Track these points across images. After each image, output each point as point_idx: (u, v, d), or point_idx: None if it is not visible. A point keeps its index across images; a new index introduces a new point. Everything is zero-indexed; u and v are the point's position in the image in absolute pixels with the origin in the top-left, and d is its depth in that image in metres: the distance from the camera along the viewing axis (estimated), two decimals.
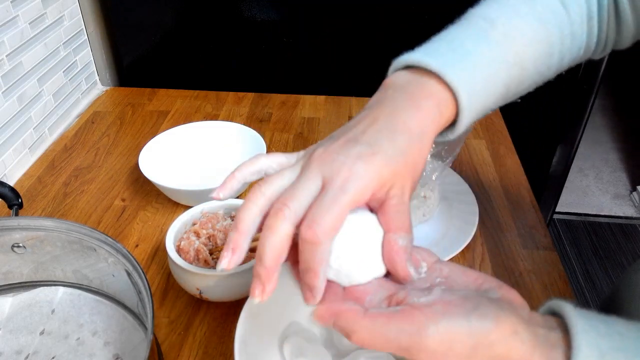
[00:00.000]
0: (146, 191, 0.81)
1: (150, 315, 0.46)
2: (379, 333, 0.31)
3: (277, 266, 0.35)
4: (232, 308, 0.61)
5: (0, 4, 0.78)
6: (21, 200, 0.62)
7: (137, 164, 0.77)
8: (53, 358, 0.55)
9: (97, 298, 0.60)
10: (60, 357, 0.55)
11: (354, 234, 0.36)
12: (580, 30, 0.47)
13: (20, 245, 0.57)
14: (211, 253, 0.60)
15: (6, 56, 0.81)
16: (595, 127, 2.54)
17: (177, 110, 1.02)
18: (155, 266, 0.68)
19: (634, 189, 2.21)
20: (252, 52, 1.08)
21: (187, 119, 0.98)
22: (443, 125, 0.41)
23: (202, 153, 0.84)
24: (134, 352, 0.54)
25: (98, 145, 0.92)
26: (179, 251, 0.60)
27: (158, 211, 0.77)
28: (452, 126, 0.42)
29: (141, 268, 0.50)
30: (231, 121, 0.87)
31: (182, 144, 0.83)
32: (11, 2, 0.81)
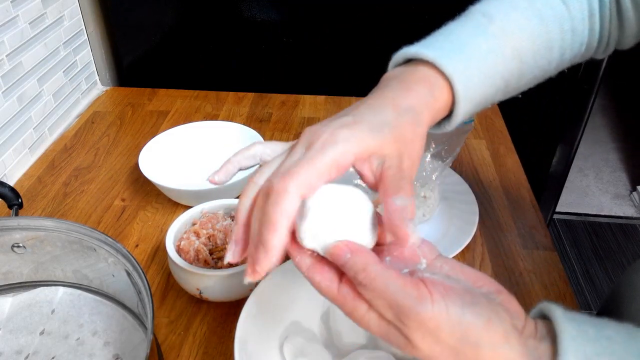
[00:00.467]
0: (146, 191, 0.81)
1: (150, 315, 0.46)
2: (385, 282, 0.31)
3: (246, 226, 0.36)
4: (232, 308, 0.61)
5: (0, 4, 0.78)
6: (21, 200, 0.62)
7: (137, 164, 0.77)
8: (53, 358, 0.55)
9: (97, 298, 0.60)
10: (60, 357, 0.55)
11: (340, 206, 0.35)
12: (581, 26, 0.47)
13: (20, 245, 0.57)
14: (211, 253, 0.60)
15: (6, 56, 0.81)
16: (595, 127, 2.54)
17: (177, 110, 1.02)
18: (155, 266, 0.68)
19: (634, 189, 2.21)
20: (252, 52, 1.08)
21: (187, 119, 0.98)
22: (438, 109, 0.41)
23: (202, 153, 0.84)
24: (134, 352, 0.54)
25: (98, 145, 0.92)
26: (179, 251, 0.60)
27: (158, 211, 0.77)
28: (450, 117, 0.43)
29: (141, 268, 0.50)
30: (231, 121, 0.87)
31: (182, 144, 0.83)
32: (11, 2, 0.81)
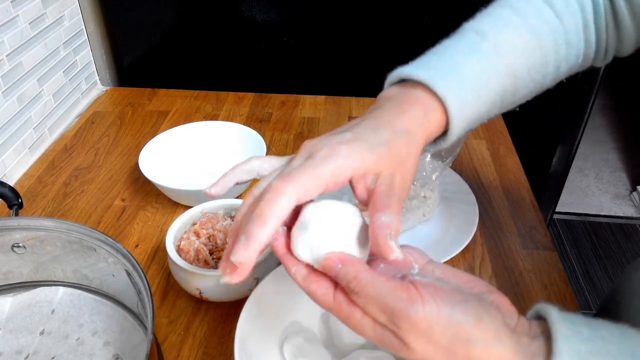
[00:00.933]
0: (146, 191, 0.81)
1: (150, 315, 0.46)
2: (376, 288, 0.32)
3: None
4: (232, 308, 0.61)
5: (0, 4, 0.78)
6: (21, 200, 0.62)
7: (137, 164, 0.77)
8: (53, 358, 0.55)
9: (97, 298, 0.60)
10: (60, 357, 0.55)
11: (334, 221, 0.37)
12: (576, 38, 0.47)
13: (20, 245, 0.57)
14: (211, 253, 0.60)
15: (6, 56, 0.81)
16: (595, 127, 2.54)
17: (177, 110, 1.02)
18: (155, 266, 0.68)
19: (634, 189, 2.21)
20: (252, 52, 1.08)
21: (187, 119, 0.98)
22: (432, 130, 0.42)
23: (202, 153, 0.84)
24: (134, 352, 0.54)
25: (98, 145, 0.92)
26: (179, 251, 0.60)
27: (158, 211, 0.77)
28: (445, 135, 0.43)
29: (141, 268, 0.50)
30: (231, 121, 0.87)
31: (182, 144, 0.83)
32: (11, 2, 0.81)
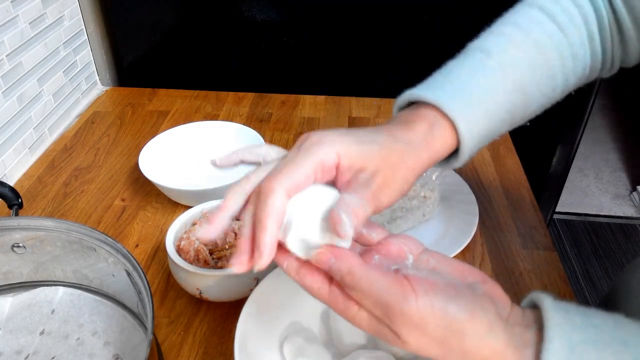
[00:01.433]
0: (146, 191, 0.81)
1: (150, 315, 0.46)
2: (370, 283, 0.33)
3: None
4: (232, 308, 0.61)
5: (0, 4, 0.78)
6: (21, 200, 0.62)
7: (137, 164, 0.77)
8: (53, 358, 0.55)
9: (97, 298, 0.60)
10: (60, 357, 0.55)
11: (316, 209, 0.37)
12: (582, 51, 0.47)
13: (20, 245, 0.57)
14: (211, 253, 0.60)
15: (6, 56, 0.81)
16: (595, 127, 2.54)
17: (177, 110, 1.02)
18: (155, 266, 0.68)
19: (634, 189, 2.21)
20: (252, 52, 1.08)
21: (187, 119, 0.98)
22: (438, 146, 0.41)
23: (202, 153, 0.84)
24: (134, 352, 0.54)
25: (98, 145, 0.92)
26: (179, 251, 0.60)
27: (158, 211, 0.77)
28: (456, 155, 0.44)
29: (141, 268, 0.50)
30: (231, 121, 0.87)
31: (182, 144, 0.83)
32: (11, 2, 0.81)
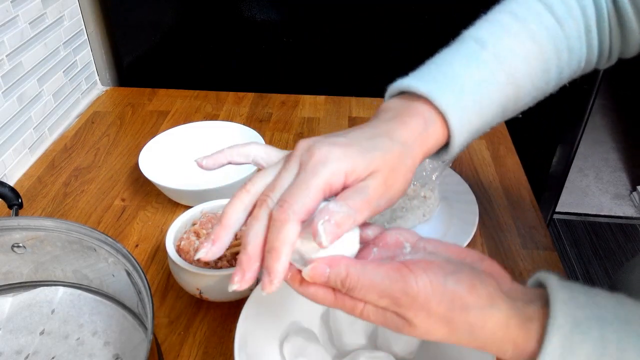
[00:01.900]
0: (146, 191, 0.81)
1: (150, 315, 0.46)
2: (369, 277, 0.33)
3: (259, 254, 0.35)
4: (232, 308, 0.61)
5: (0, 4, 0.78)
6: (21, 200, 0.62)
7: (137, 164, 0.77)
8: (53, 358, 0.55)
9: (97, 298, 0.60)
10: (60, 357, 0.55)
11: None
12: (578, 44, 0.47)
13: (20, 245, 0.57)
14: None
15: (6, 56, 0.81)
16: (595, 127, 2.54)
17: (177, 110, 1.02)
18: (155, 266, 0.68)
19: (634, 189, 2.21)
20: (252, 52, 1.08)
21: (187, 119, 0.98)
22: (431, 143, 0.41)
23: (202, 153, 0.84)
24: (134, 352, 0.54)
25: (98, 145, 0.92)
26: (179, 251, 0.60)
27: (158, 211, 0.77)
28: (447, 147, 0.43)
29: (141, 268, 0.50)
30: (231, 121, 0.87)
31: (182, 144, 0.83)
32: (11, 2, 0.81)
